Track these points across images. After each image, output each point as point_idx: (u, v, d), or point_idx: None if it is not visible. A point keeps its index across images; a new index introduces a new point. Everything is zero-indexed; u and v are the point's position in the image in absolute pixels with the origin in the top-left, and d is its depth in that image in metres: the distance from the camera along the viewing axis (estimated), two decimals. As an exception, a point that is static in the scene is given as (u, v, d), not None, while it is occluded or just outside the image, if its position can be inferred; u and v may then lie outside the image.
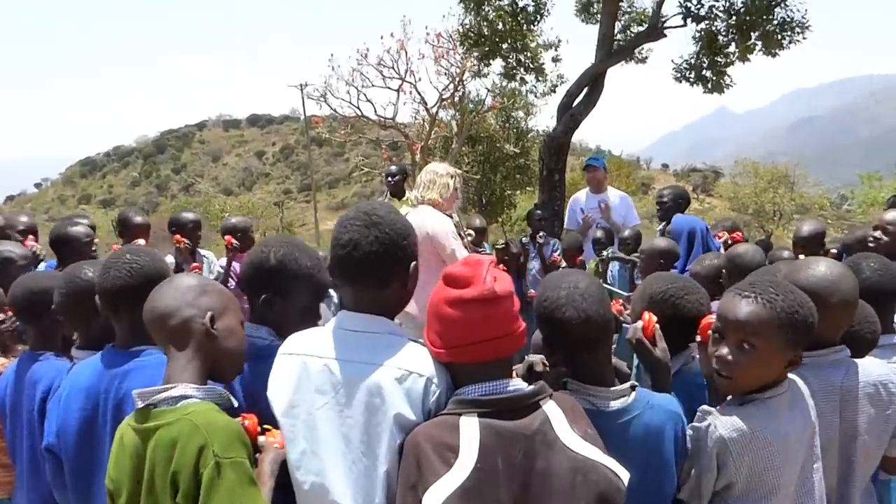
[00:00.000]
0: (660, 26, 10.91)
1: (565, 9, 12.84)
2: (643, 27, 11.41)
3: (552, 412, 1.52)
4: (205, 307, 1.68)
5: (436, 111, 15.21)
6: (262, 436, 1.73)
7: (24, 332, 2.81)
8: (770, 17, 10.29)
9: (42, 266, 4.08)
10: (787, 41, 10.42)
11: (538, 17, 12.19)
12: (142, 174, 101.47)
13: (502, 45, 12.24)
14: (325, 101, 15.19)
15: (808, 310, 1.74)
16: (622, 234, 5.37)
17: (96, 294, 2.05)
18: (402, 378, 1.55)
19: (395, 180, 6.67)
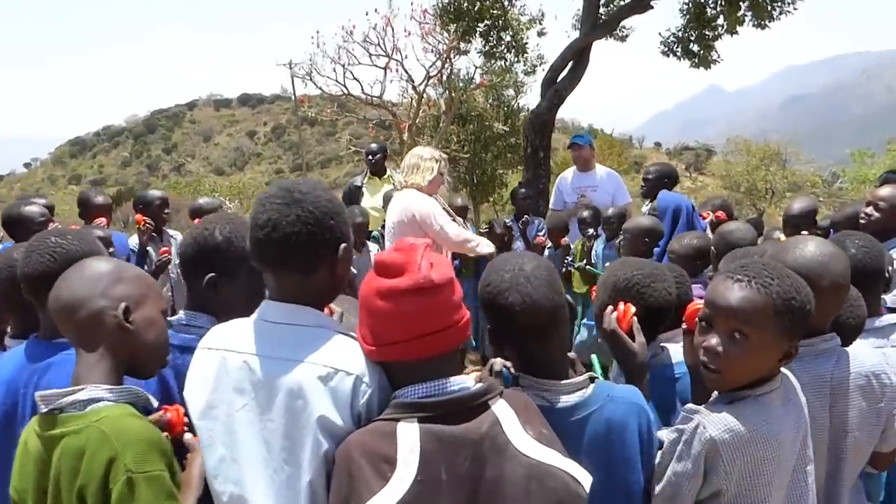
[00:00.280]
0: (646, -2, 10.53)
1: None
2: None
3: (502, 413, 1.35)
4: (118, 297, 1.49)
5: (423, 89, 14.91)
6: (188, 433, 1.55)
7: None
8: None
9: (-1, 247, 3.90)
10: (777, 12, 10.16)
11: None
12: (132, 154, 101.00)
13: (480, 23, 11.72)
14: (311, 80, 14.86)
15: (806, 295, 1.55)
16: (605, 213, 5.19)
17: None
18: (328, 377, 1.36)
19: (376, 159, 6.55)
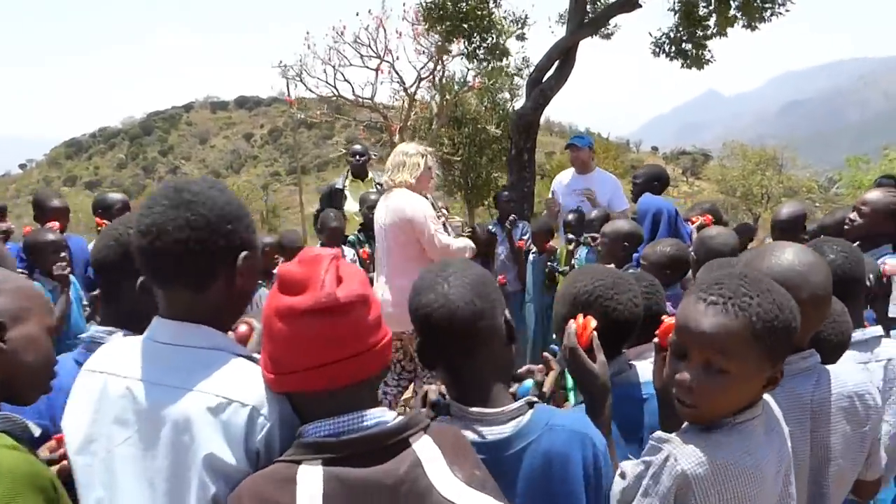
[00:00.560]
0: (634, -4, 10.28)
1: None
2: (616, -3, 10.79)
3: (425, 452, 1.14)
4: None
5: (414, 91, 14.74)
6: None
7: None
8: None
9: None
10: (768, 13, 9.98)
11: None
12: (128, 156, 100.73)
13: (464, 24, 11.47)
14: (301, 81, 14.69)
15: (790, 311, 1.33)
16: (589, 216, 5.00)
17: None
18: (219, 408, 1.16)
19: (361, 160, 6.32)
